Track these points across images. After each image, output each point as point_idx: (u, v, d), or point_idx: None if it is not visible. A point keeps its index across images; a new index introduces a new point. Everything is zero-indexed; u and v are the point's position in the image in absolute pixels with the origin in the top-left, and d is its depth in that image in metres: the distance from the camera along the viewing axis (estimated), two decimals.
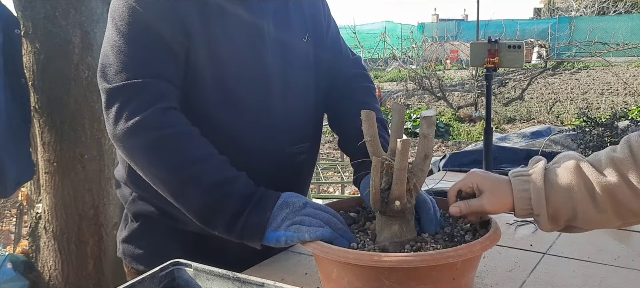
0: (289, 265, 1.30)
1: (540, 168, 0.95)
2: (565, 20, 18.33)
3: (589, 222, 0.92)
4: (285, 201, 1.07)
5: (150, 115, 1.08)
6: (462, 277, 0.97)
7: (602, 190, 0.89)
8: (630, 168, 0.88)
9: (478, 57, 2.02)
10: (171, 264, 0.91)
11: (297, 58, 1.28)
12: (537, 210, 0.93)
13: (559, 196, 0.92)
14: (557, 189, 0.92)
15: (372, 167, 0.98)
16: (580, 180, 0.91)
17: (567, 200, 0.91)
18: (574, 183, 0.91)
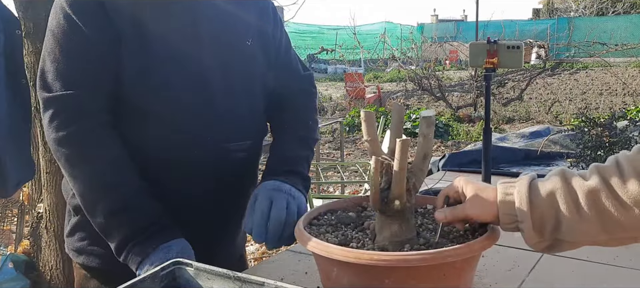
0: (289, 264, 1.30)
1: (526, 177, 0.94)
2: (564, 20, 18.35)
3: (573, 232, 0.90)
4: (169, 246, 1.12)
5: (76, 132, 1.14)
6: (461, 276, 0.98)
7: (585, 195, 0.88)
8: (614, 175, 0.87)
9: (477, 57, 2.02)
10: (172, 264, 0.91)
11: (238, 59, 1.30)
12: (521, 216, 0.91)
13: (542, 201, 0.90)
14: (541, 194, 0.91)
15: (372, 166, 0.99)
16: (564, 185, 0.90)
17: (550, 205, 0.90)
18: (557, 187, 0.90)
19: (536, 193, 0.91)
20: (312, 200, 3.22)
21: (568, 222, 0.89)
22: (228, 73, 1.27)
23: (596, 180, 0.88)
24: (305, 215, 1.13)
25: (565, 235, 0.90)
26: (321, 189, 5.25)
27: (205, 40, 1.24)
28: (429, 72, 9.91)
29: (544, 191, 0.90)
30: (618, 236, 0.89)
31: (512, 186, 0.93)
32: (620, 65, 14.28)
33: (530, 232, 0.91)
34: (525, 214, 0.91)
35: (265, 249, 3.93)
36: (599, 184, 0.87)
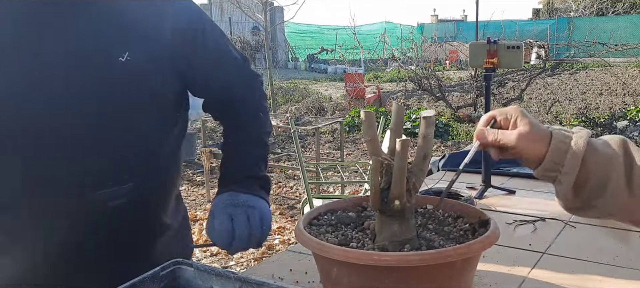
0: (289, 264, 1.30)
1: (585, 132, 0.87)
2: (564, 20, 18.35)
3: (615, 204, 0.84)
4: None
5: None
6: (461, 276, 0.98)
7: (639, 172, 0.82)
8: None
9: (477, 57, 2.02)
10: (172, 264, 0.91)
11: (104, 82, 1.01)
12: (567, 168, 0.84)
13: (597, 159, 0.84)
14: (597, 153, 0.84)
15: (372, 166, 0.99)
16: (622, 153, 0.84)
17: (604, 166, 0.83)
18: (616, 154, 0.84)
19: (592, 149, 0.84)
20: (312, 200, 3.22)
21: (614, 192, 0.84)
22: (87, 100, 1.00)
23: None
24: (305, 215, 1.13)
25: (605, 203, 0.85)
26: (321, 189, 5.25)
27: (51, 59, 0.97)
28: (429, 72, 9.91)
29: (601, 151, 0.84)
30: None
31: (569, 135, 0.86)
32: (620, 65, 14.27)
33: (568, 188, 0.85)
34: (573, 168, 0.84)
35: (265, 250, 3.94)
36: None
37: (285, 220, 4.62)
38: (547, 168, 0.86)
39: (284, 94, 12.59)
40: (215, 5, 21.70)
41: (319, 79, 17.61)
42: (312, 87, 15.03)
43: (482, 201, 1.86)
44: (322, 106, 10.60)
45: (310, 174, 4.77)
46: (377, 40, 12.61)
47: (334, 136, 8.02)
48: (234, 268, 3.66)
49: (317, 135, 5.41)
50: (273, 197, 5.30)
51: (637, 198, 0.83)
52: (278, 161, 6.33)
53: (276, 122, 6.08)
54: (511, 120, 0.89)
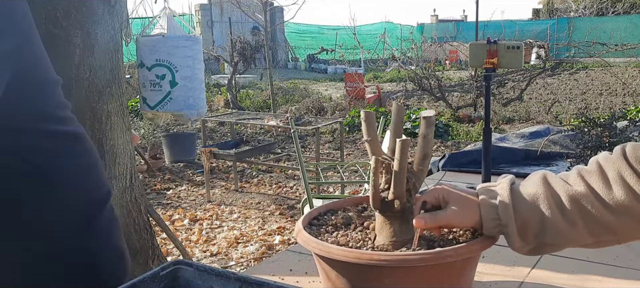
0: (289, 264, 1.30)
1: (506, 181, 0.93)
2: (564, 21, 18.36)
3: (558, 236, 0.88)
4: None
5: None
6: (461, 276, 0.98)
7: (569, 200, 0.87)
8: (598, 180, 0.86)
9: (477, 57, 2.02)
10: (172, 264, 0.91)
11: None
12: (504, 220, 0.90)
13: (525, 205, 0.89)
14: (523, 199, 0.89)
15: (372, 166, 0.99)
16: (546, 190, 0.89)
17: (534, 209, 0.88)
18: (540, 192, 0.88)
19: (519, 198, 0.90)
20: (312, 200, 3.22)
21: (553, 227, 0.88)
22: None
23: (581, 185, 0.87)
24: (305, 215, 1.13)
25: (550, 239, 0.89)
26: (321, 189, 5.25)
27: None
28: (429, 72, 9.91)
29: (527, 196, 0.89)
30: (604, 239, 0.89)
31: (492, 192, 0.92)
32: (620, 65, 14.27)
33: (514, 237, 0.90)
34: (509, 219, 0.89)
35: (265, 250, 3.94)
36: (584, 189, 0.86)
37: (285, 220, 4.62)
38: (488, 227, 0.92)
39: (284, 94, 12.59)
40: (215, 5, 21.70)
41: (319, 79, 17.61)
42: (312, 87, 15.03)
43: None
44: (322, 106, 10.60)
45: (310, 174, 4.78)
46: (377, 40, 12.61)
47: (334, 136, 8.02)
48: (234, 268, 3.66)
49: (317, 135, 5.41)
50: (273, 197, 5.30)
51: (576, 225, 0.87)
52: (278, 161, 6.33)
53: (276, 122, 6.08)
54: (440, 198, 0.96)
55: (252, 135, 7.95)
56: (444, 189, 0.97)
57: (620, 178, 0.84)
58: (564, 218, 0.87)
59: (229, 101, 11.11)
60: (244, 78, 14.19)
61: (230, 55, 12.33)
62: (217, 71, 16.83)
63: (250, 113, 8.03)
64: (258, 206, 5.05)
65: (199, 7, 21.48)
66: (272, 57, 13.31)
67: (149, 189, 5.57)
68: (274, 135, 7.98)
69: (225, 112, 8.50)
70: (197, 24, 18.80)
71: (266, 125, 6.50)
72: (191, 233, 4.36)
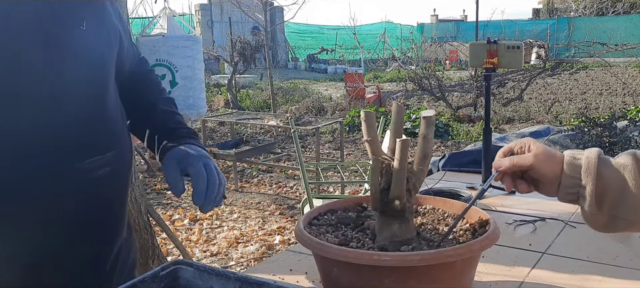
0: (289, 264, 1.30)
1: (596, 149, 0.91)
2: (564, 20, 18.35)
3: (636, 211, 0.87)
4: None
5: None
6: (461, 276, 0.98)
7: None
8: None
9: (477, 57, 2.02)
10: (172, 264, 0.91)
11: (74, 51, 1.01)
12: (585, 180, 0.88)
13: (610, 171, 0.87)
14: (608, 164, 0.88)
15: (372, 167, 0.99)
16: (635, 163, 0.87)
17: (618, 177, 0.87)
18: (628, 163, 0.87)
19: (605, 163, 0.88)
20: (312, 200, 3.22)
21: (632, 200, 0.86)
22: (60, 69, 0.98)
23: None
24: (305, 215, 1.13)
25: (627, 212, 0.87)
26: (321, 189, 5.25)
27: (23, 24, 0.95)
28: (429, 72, 9.91)
29: (614, 163, 0.88)
30: None
31: (580, 152, 0.91)
32: (620, 65, 14.27)
33: (591, 201, 0.88)
34: (590, 179, 0.87)
35: (265, 249, 3.94)
36: None
37: (285, 220, 4.62)
38: (567, 185, 0.90)
39: (284, 94, 12.59)
40: (215, 5, 21.70)
41: (319, 79, 17.61)
42: (312, 87, 15.03)
43: (482, 201, 1.86)
44: (322, 106, 10.60)
45: (310, 174, 4.78)
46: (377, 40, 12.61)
47: (334, 136, 8.02)
48: (234, 268, 3.66)
49: (317, 135, 5.41)
50: (273, 197, 5.30)
51: None
52: (278, 161, 6.33)
53: (276, 122, 6.08)
54: (525, 148, 0.95)
55: (252, 135, 7.95)
56: (531, 140, 0.96)
57: None
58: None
59: (229, 101, 11.12)
60: (244, 78, 14.19)
61: (230, 55, 12.33)
62: (217, 71, 16.83)
63: (250, 113, 8.03)
64: (258, 206, 5.05)
65: (199, 7, 21.48)
66: (272, 57, 13.31)
67: (149, 189, 5.57)
68: (274, 135, 7.98)
69: (225, 112, 8.50)
70: (197, 24, 18.80)
71: (266, 125, 6.50)
72: (191, 233, 4.36)
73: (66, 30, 1.00)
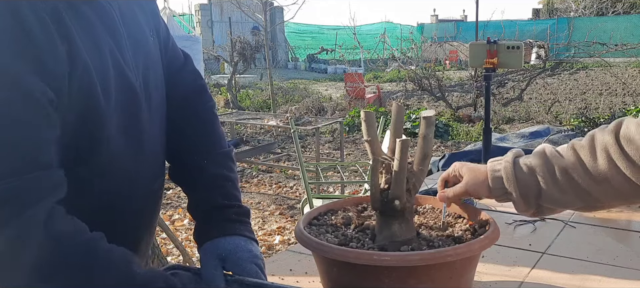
0: (289, 264, 1.30)
1: (511, 155, 1.06)
2: (564, 20, 18.34)
3: (554, 201, 1.02)
4: None
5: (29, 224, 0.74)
6: (461, 276, 0.98)
7: (560, 172, 0.99)
8: (587, 154, 0.98)
9: (477, 57, 2.02)
10: (170, 268, 0.91)
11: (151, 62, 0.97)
12: (509, 189, 1.03)
13: (525, 176, 1.02)
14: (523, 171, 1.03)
15: (372, 167, 0.99)
16: (543, 163, 1.01)
17: (532, 180, 1.02)
18: (537, 164, 1.02)
19: (520, 170, 1.03)
20: (312, 200, 3.22)
21: (548, 195, 1.01)
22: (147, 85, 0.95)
23: (572, 158, 1.00)
24: (305, 215, 1.13)
25: (547, 203, 1.03)
26: (321, 189, 5.25)
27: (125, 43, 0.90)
28: (429, 72, 9.91)
29: (526, 168, 1.03)
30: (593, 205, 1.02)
31: (499, 164, 1.06)
32: (620, 65, 14.27)
33: (518, 201, 1.03)
34: (512, 187, 1.03)
35: (265, 250, 3.94)
36: (574, 163, 0.99)
37: (285, 220, 4.62)
38: (497, 195, 1.06)
39: (284, 94, 12.59)
40: (215, 5, 21.70)
41: (319, 79, 17.61)
42: (312, 87, 15.03)
43: (482, 201, 1.86)
44: (322, 106, 10.60)
45: (310, 174, 4.77)
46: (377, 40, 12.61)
47: (334, 136, 8.02)
48: None
49: (317, 135, 5.41)
50: (273, 197, 5.30)
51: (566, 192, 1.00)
52: (278, 161, 6.33)
53: (276, 122, 6.08)
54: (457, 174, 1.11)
55: (252, 135, 7.95)
56: (457, 164, 1.13)
57: (605, 152, 0.96)
58: (556, 187, 1.00)
59: (229, 101, 11.12)
60: (244, 78, 14.19)
61: (230, 55, 12.33)
62: (217, 71, 16.83)
63: (250, 113, 8.03)
64: (258, 206, 5.05)
65: (199, 7, 21.48)
66: (272, 57, 13.31)
67: None
68: (274, 135, 7.98)
69: (225, 112, 8.50)
70: (197, 24, 18.80)
71: (266, 125, 6.50)
72: (191, 233, 4.36)
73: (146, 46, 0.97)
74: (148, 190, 1.00)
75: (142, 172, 0.96)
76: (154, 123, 0.97)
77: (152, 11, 1.04)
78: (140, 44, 0.94)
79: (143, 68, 0.94)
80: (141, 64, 0.94)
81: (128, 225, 0.97)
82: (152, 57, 0.98)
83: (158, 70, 1.01)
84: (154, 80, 0.97)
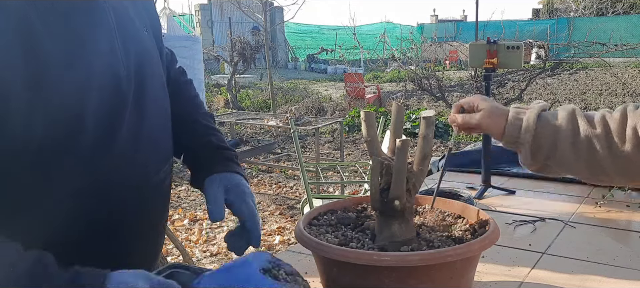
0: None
1: (538, 107, 1.04)
2: (564, 21, 18.34)
3: (563, 165, 1.01)
4: None
5: None
6: (461, 276, 0.98)
7: (585, 138, 0.98)
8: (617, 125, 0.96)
9: (477, 57, 2.02)
10: (168, 267, 0.91)
11: (146, 54, 0.99)
12: (523, 140, 1.02)
13: (546, 131, 1.01)
14: (546, 125, 1.01)
15: (372, 167, 0.99)
16: (569, 124, 1.00)
17: (552, 140, 1.00)
18: (563, 125, 1.00)
19: (543, 124, 1.01)
20: (312, 200, 3.22)
21: (562, 156, 1.00)
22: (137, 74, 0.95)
23: (599, 128, 0.97)
24: (305, 215, 1.13)
25: (556, 163, 1.02)
26: (321, 189, 5.25)
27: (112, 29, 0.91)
28: (429, 72, 9.90)
29: (551, 125, 1.01)
30: (598, 176, 1.01)
31: (523, 112, 1.03)
32: (620, 65, 14.27)
33: (526, 154, 1.03)
34: (527, 140, 1.01)
35: (265, 250, 3.94)
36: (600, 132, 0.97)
37: (285, 220, 4.62)
38: (508, 141, 1.05)
39: (284, 94, 12.59)
40: (215, 5, 21.70)
41: (319, 79, 17.61)
42: (312, 87, 15.03)
43: (482, 201, 1.86)
44: (322, 106, 10.60)
45: (310, 174, 4.77)
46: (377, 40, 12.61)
47: (333, 136, 8.02)
48: None
49: (317, 135, 5.41)
50: (273, 197, 5.30)
51: (580, 161, 0.99)
52: (278, 161, 6.33)
53: (276, 122, 6.08)
54: (475, 106, 1.09)
55: (252, 135, 7.95)
56: (479, 98, 1.10)
57: (633, 130, 0.94)
58: (573, 152, 0.99)
59: (229, 101, 11.12)
60: (244, 78, 14.19)
61: (230, 55, 12.32)
62: (217, 71, 16.83)
63: (250, 113, 8.04)
64: (258, 206, 5.04)
65: (198, 7, 21.48)
66: (272, 57, 13.31)
67: None
68: (273, 135, 7.98)
69: (225, 112, 8.50)
70: (196, 24, 18.80)
71: (266, 125, 6.50)
72: (191, 233, 4.36)
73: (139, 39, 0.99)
74: (150, 180, 1.01)
75: (140, 159, 0.96)
76: (150, 110, 0.98)
77: (146, 8, 1.07)
78: (132, 37, 0.96)
79: (134, 57, 0.95)
80: (132, 54, 0.95)
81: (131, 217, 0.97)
82: (147, 49, 1.01)
83: (155, 61, 1.04)
84: (150, 69, 1.00)
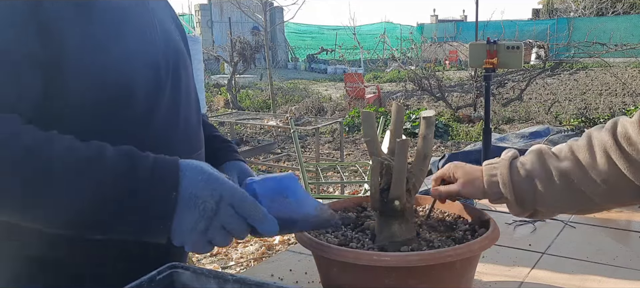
0: (289, 264, 1.30)
1: (507, 158, 1.06)
2: (564, 21, 18.35)
3: (549, 205, 1.02)
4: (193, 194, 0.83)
5: None
6: (461, 276, 0.98)
7: (559, 175, 0.99)
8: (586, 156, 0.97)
9: (477, 57, 2.02)
10: (168, 267, 0.91)
11: (176, 45, 1.05)
12: (505, 193, 1.04)
13: (521, 181, 1.02)
14: (519, 175, 1.03)
15: (372, 167, 0.98)
16: (540, 167, 1.01)
17: (529, 185, 1.02)
18: (535, 169, 1.02)
19: (516, 173, 1.04)
20: None
21: (544, 198, 1.02)
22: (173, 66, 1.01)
23: (569, 161, 0.99)
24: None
25: (542, 207, 1.03)
26: (321, 189, 5.25)
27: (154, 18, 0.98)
28: (428, 72, 9.91)
29: (523, 171, 1.03)
30: (588, 208, 1.03)
31: (495, 168, 1.06)
32: (620, 65, 14.28)
33: (513, 205, 1.05)
34: (508, 192, 1.04)
35: (265, 250, 3.94)
36: (573, 165, 0.99)
37: None
38: (493, 199, 1.07)
39: (283, 94, 12.59)
40: (215, 5, 21.71)
41: (319, 79, 17.61)
42: (312, 87, 15.03)
43: (482, 201, 1.86)
44: (322, 106, 10.60)
45: (310, 174, 4.77)
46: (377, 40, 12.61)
47: (333, 136, 8.02)
48: (233, 268, 3.66)
49: (317, 135, 5.41)
50: None
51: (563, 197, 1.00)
52: (278, 161, 6.33)
53: (276, 122, 6.08)
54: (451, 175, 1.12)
55: (252, 135, 7.95)
56: (453, 165, 1.13)
57: (604, 153, 0.95)
58: (553, 191, 1.00)
59: (228, 101, 11.12)
60: (244, 78, 14.19)
61: (230, 55, 12.33)
62: (217, 71, 16.83)
63: (250, 113, 8.04)
64: None
65: (198, 7, 21.48)
66: (272, 57, 13.31)
67: None
68: (273, 135, 7.98)
69: (225, 112, 8.50)
70: (197, 24, 18.81)
71: (266, 125, 6.50)
72: None
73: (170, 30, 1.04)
74: None
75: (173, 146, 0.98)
76: (184, 101, 1.03)
77: (172, 14, 1.14)
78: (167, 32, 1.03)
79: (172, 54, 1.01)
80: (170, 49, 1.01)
81: None
82: (180, 48, 1.07)
83: (186, 59, 1.10)
84: (183, 64, 1.06)
